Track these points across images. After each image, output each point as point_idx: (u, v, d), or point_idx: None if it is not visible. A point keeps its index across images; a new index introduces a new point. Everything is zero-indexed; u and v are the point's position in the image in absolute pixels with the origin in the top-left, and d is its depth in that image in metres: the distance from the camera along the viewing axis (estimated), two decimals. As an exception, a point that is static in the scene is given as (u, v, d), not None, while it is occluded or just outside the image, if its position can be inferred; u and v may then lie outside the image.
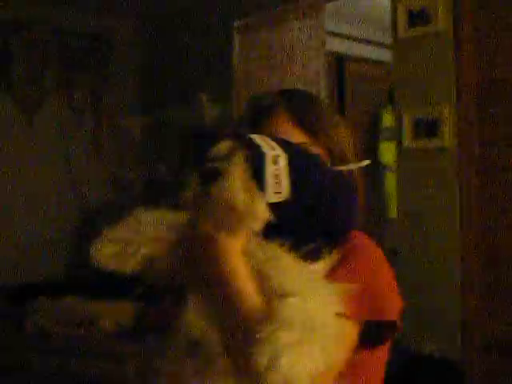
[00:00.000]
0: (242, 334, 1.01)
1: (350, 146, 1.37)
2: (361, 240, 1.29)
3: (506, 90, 3.36)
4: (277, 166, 1.09)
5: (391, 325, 1.22)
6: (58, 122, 4.94)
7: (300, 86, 4.14)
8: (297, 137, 1.31)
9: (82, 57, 5.07)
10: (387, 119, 4.93)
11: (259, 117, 1.36)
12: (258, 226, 1.07)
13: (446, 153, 3.55)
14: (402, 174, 3.80)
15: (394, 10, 3.72)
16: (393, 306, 1.22)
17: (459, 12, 3.47)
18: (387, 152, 4.80)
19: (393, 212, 4.66)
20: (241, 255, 1.10)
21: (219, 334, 1.10)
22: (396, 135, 3.80)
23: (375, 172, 5.00)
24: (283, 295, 0.98)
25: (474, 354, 3.43)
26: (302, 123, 1.33)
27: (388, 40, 3.88)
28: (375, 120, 5.15)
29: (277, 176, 1.09)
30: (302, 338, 0.94)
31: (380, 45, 5.28)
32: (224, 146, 1.11)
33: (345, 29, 5.30)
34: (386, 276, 1.25)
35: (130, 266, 1.22)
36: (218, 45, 4.70)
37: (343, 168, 1.28)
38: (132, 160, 5.05)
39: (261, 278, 1.07)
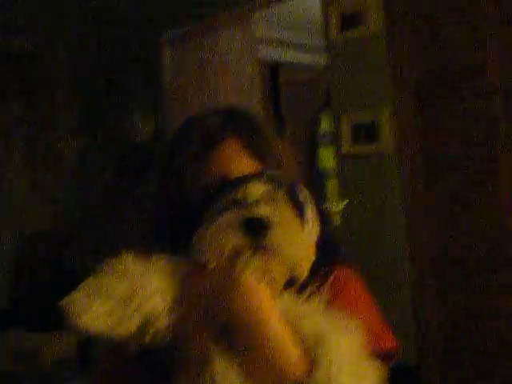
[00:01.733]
0: None
1: (296, 167, 1.35)
2: (343, 271, 1.28)
3: (445, 85, 3.33)
4: (311, 205, 1.09)
5: (390, 354, 1.22)
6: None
7: (234, 96, 4.05)
8: (247, 164, 1.26)
9: (8, 78, 4.86)
10: (325, 124, 4.88)
11: (204, 143, 1.28)
12: (305, 273, 1.06)
13: (387, 157, 3.51)
14: (342, 180, 3.76)
15: (326, 13, 3.69)
16: (390, 336, 1.23)
17: (390, 11, 3.44)
18: (327, 158, 4.76)
19: (336, 219, 4.59)
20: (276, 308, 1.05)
21: None
22: (334, 140, 3.76)
23: (315, 179, 4.94)
24: (322, 338, 1.00)
25: (430, 359, 3.40)
26: (253, 149, 1.28)
27: (322, 44, 3.85)
28: (313, 126, 5.11)
29: (313, 216, 1.09)
30: (354, 376, 0.97)
31: (314, 49, 5.21)
32: (256, 189, 1.07)
33: (277, 35, 5.25)
34: (375, 306, 1.26)
35: (128, 328, 1.03)
36: (148, 58, 4.59)
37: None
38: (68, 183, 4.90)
39: (291, 327, 1.03)
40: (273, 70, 5.34)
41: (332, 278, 1.22)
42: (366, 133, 3.55)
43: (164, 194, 1.31)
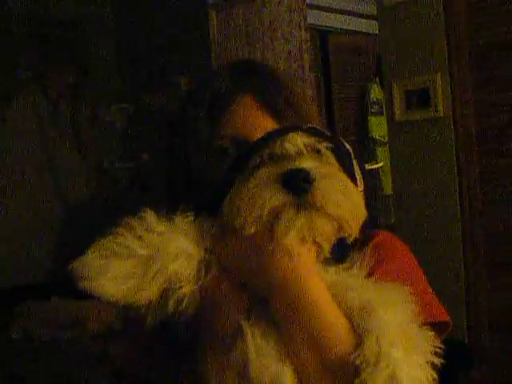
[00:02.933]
0: (337, 363, 0.92)
1: (320, 122, 1.25)
2: (385, 236, 1.20)
3: (502, 52, 3.30)
4: (356, 161, 1.02)
5: (442, 326, 1.13)
6: (34, 114, 4.65)
7: (283, 62, 3.97)
8: (265, 125, 1.17)
9: (56, 45, 4.80)
10: (375, 92, 4.81)
11: (215, 103, 1.21)
12: (354, 235, 0.98)
13: (440, 123, 3.48)
14: (394, 148, 3.71)
15: (377, -22, 3.63)
16: (440, 306, 1.16)
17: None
18: (377, 126, 4.69)
19: (387, 189, 4.52)
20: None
21: (297, 371, 0.95)
22: (385, 108, 3.74)
23: (366, 148, 4.87)
24: (370, 311, 0.93)
25: (480, 333, 3.35)
26: (271, 107, 1.20)
27: (372, 10, 3.85)
28: (363, 94, 5.00)
29: (357, 173, 1.01)
30: (407, 349, 0.90)
31: (364, 15, 5.19)
32: (296, 141, 0.97)
33: (327, 0, 5.15)
34: (421, 273, 1.19)
35: (148, 293, 0.96)
36: (195, 24, 4.54)
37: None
38: (114, 150, 4.85)
39: (335, 298, 0.96)
40: (322, 37, 5.24)
41: (374, 242, 1.13)
42: (419, 99, 3.52)
43: (177, 160, 1.23)
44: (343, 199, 0.93)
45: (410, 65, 3.55)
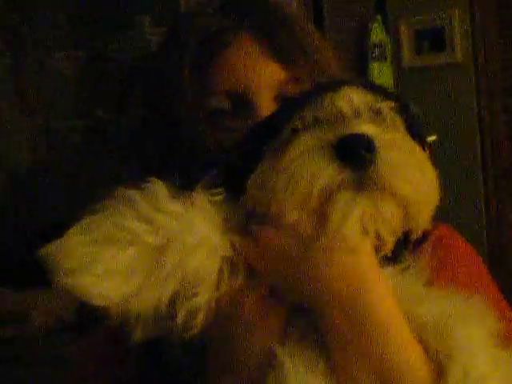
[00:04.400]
0: None
1: (341, 71, 1.17)
2: (445, 230, 1.12)
3: None
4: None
5: None
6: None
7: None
8: (270, 71, 1.09)
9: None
10: (378, 33, 4.36)
11: (206, 45, 1.11)
12: (426, 225, 0.86)
13: (458, 70, 3.28)
14: (403, 98, 3.37)
15: None
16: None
17: None
18: (380, 74, 4.25)
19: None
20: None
21: None
22: (390, 53, 3.56)
23: None
24: (448, 330, 0.83)
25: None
26: (276, 50, 1.11)
27: None
28: (363, 35, 4.50)
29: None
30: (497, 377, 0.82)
31: None
32: (353, 98, 0.86)
33: None
34: (491, 278, 1.12)
35: (157, 299, 0.80)
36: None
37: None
38: (64, 106, 4.52)
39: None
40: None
41: (434, 238, 1.00)
42: (432, 41, 3.34)
43: (151, 124, 1.15)
44: (417, 176, 0.83)
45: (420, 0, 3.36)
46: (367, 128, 0.82)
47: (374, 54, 4.09)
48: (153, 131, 1.13)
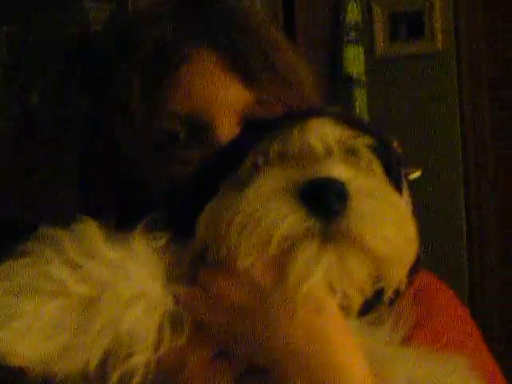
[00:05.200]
0: None
1: (316, 92, 1.08)
2: (426, 279, 1.06)
3: None
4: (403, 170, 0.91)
5: None
6: None
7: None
8: (233, 91, 1.01)
9: None
10: (354, 13, 4.07)
11: (159, 60, 1.02)
12: (399, 282, 0.82)
13: (438, 60, 3.18)
14: (374, 93, 3.37)
15: None
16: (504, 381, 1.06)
17: None
18: (356, 59, 4.00)
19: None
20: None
21: None
22: (361, 38, 3.44)
23: (340, 90, 4.15)
24: None
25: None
26: (240, 67, 1.02)
27: None
28: (337, 15, 4.24)
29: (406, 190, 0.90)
30: None
31: None
32: (325, 134, 0.82)
33: None
34: (478, 334, 1.07)
35: (87, 360, 0.73)
36: None
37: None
38: None
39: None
40: None
41: (413, 289, 0.94)
42: (409, 26, 3.24)
43: (95, 148, 1.06)
44: (392, 231, 0.78)
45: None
46: (340, 171, 0.79)
47: (349, 37, 3.86)
48: (93, 152, 1.08)
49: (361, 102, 3.81)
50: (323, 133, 0.82)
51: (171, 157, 0.99)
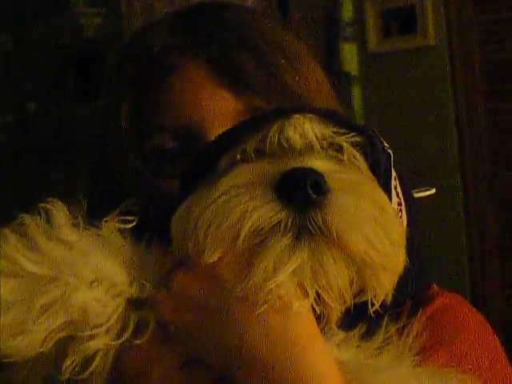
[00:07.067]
0: None
1: (333, 102, 1.02)
2: (449, 300, 1.00)
3: None
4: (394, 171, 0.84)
5: None
6: None
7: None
8: (227, 100, 0.98)
9: None
10: (349, 10, 4.09)
11: (148, 71, 1.01)
12: (387, 289, 0.75)
13: (430, 55, 3.23)
14: (367, 89, 3.43)
15: None
16: None
17: None
18: (352, 56, 4.04)
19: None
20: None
21: None
22: (353, 35, 3.50)
23: (339, 85, 4.22)
24: None
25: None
26: (235, 77, 0.99)
27: None
28: (334, 12, 4.28)
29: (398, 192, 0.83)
30: None
31: None
32: (305, 128, 0.78)
33: None
34: (506, 362, 0.97)
35: (35, 340, 0.71)
36: None
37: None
38: None
39: None
40: None
41: (432, 310, 0.93)
42: (402, 22, 3.29)
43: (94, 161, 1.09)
44: (376, 231, 0.72)
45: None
46: (318, 164, 0.74)
47: (344, 34, 3.89)
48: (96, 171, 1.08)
49: (357, 97, 3.85)
50: (304, 128, 0.79)
51: (164, 172, 0.97)
